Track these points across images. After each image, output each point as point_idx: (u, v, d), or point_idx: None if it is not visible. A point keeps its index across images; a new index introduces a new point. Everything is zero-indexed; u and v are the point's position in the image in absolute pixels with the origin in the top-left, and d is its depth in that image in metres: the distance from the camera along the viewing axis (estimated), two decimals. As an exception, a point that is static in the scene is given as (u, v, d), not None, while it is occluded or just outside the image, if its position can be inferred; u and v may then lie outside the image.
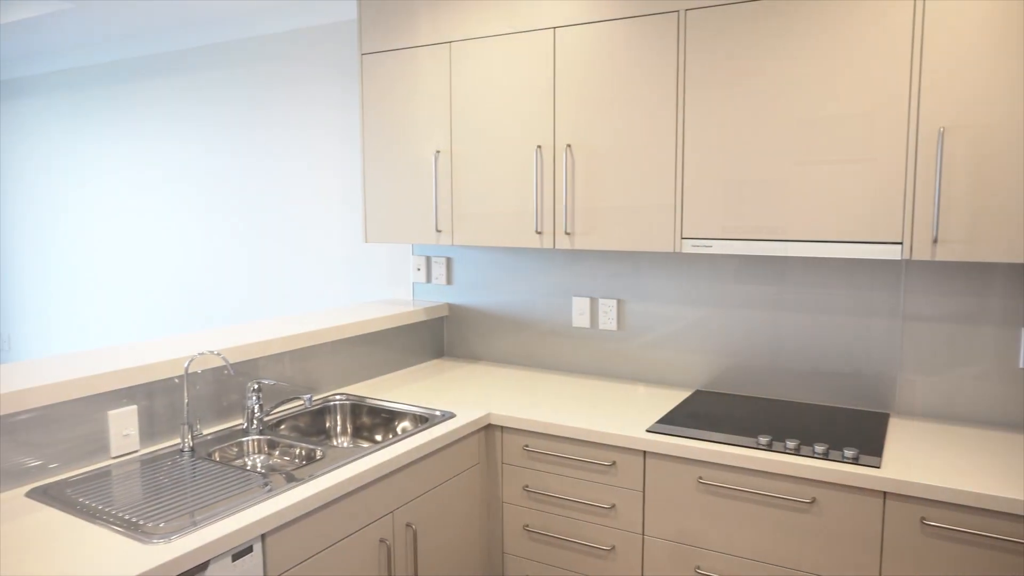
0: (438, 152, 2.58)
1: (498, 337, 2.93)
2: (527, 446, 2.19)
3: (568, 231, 2.35)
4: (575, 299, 2.72)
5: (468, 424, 2.14)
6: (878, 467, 1.75)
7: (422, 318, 2.86)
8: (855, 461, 1.78)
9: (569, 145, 2.32)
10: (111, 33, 3.80)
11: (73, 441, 1.75)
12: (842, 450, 1.85)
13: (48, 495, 1.60)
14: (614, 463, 2.06)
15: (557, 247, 2.38)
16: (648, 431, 2.03)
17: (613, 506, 2.07)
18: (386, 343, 2.72)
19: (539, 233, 2.40)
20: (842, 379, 2.30)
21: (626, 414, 2.21)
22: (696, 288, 2.51)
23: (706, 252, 2.13)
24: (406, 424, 2.29)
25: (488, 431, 2.26)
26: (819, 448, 1.84)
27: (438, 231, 2.60)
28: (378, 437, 2.35)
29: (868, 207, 1.91)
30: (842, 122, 1.92)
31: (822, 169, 1.96)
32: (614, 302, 2.65)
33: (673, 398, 2.40)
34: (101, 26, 3.65)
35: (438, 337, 3.02)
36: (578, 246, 2.34)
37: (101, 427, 1.81)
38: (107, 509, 1.53)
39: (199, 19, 3.50)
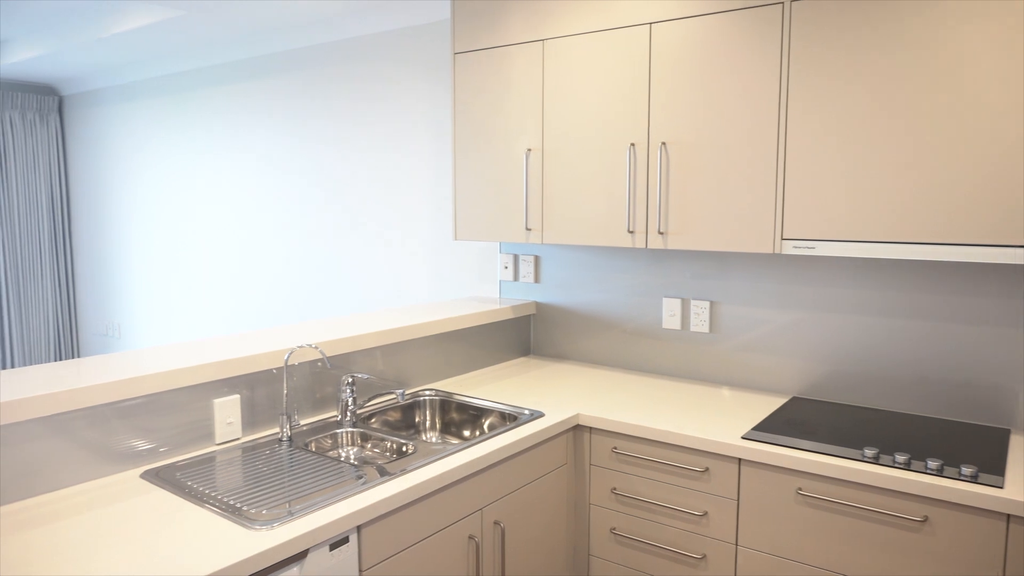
0: (529, 150, 2.57)
1: (585, 336, 2.90)
2: (616, 448, 2.16)
3: (661, 230, 2.30)
4: (665, 300, 2.66)
5: (557, 424, 2.13)
6: (1001, 487, 1.63)
7: (509, 316, 2.86)
8: (974, 479, 1.67)
9: (664, 143, 2.27)
10: (213, 38, 3.97)
11: (181, 427, 1.83)
12: (959, 467, 1.74)
13: (160, 477, 1.68)
14: (707, 469, 2.00)
15: (649, 247, 2.33)
16: (744, 438, 1.96)
17: (705, 513, 2.01)
18: (474, 340, 2.74)
19: (631, 232, 2.36)
20: (954, 391, 2.16)
21: (719, 419, 2.14)
22: (792, 290, 2.41)
23: (809, 254, 2.04)
24: (494, 421, 2.29)
25: (577, 432, 2.24)
26: (932, 464, 1.73)
27: (528, 229, 2.60)
28: (466, 433, 2.36)
29: (989, 208, 1.78)
30: (963, 118, 1.80)
31: (937, 167, 1.84)
32: (707, 303, 2.57)
33: (768, 404, 2.31)
34: (204, 32, 3.82)
35: (525, 335, 3.02)
36: (671, 246, 2.28)
37: (207, 415, 1.88)
38: (212, 493, 1.59)
39: (295, 23, 3.62)
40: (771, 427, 2.05)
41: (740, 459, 1.94)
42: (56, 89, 5.61)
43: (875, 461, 1.79)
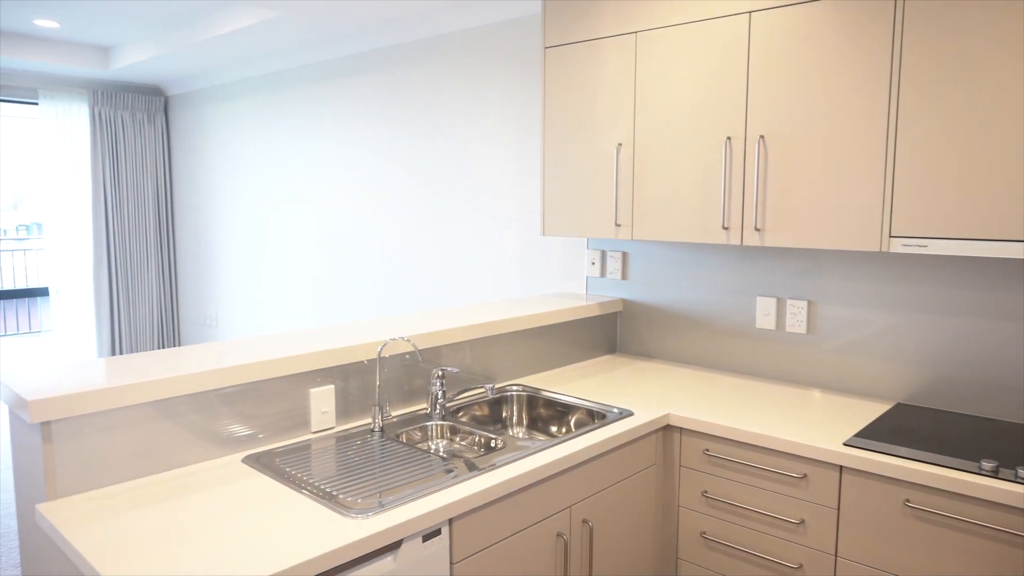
0: (620, 145, 2.53)
1: (674, 335, 2.84)
2: (708, 450, 2.10)
3: (758, 227, 2.22)
4: (760, 299, 2.57)
5: (647, 424, 2.09)
6: None
7: (596, 313, 2.83)
8: (1108, 499, 1.53)
9: (762, 136, 2.18)
10: (307, 39, 4.09)
11: (279, 415, 1.89)
12: (1090, 484, 1.60)
13: (260, 462, 1.74)
14: (805, 476, 1.92)
15: (745, 244, 2.25)
16: (847, 444, 1.87)
17: (802, 522, 1.93)
18: (560, 336, 2.72)
19: (726, 229, 2.29)
20: (1083, 401, 2.00)
21: (818, 424, 2.05)
22: (895, 290, 2.28)
23: (920, 252, 1.93)
24: (581, 418, 2.27)
25: (666, 432, 2.19)
26: (1059, 480, 1.60)
27: (617, 225, 2.56)
28: (553, 429, 2.35)
29: None
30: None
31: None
32: (804, 303, 2.47)
33: (870, 410, 2.20)
34: (298, 32, 3.94)
35: (611, 333, 2.98)
36: (769, 243, 2.20)
37: (303, 404, 1.94)
38: (309, 480, 1.63)
39: (385, 21, 3.68)
40: (875, 434, 1.95)
41: (842, 467, 1.86)
42: (162, 90, 5.91)
43: (994, 475, 1.67)
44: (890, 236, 1.98)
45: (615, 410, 2.19)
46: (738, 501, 2.04)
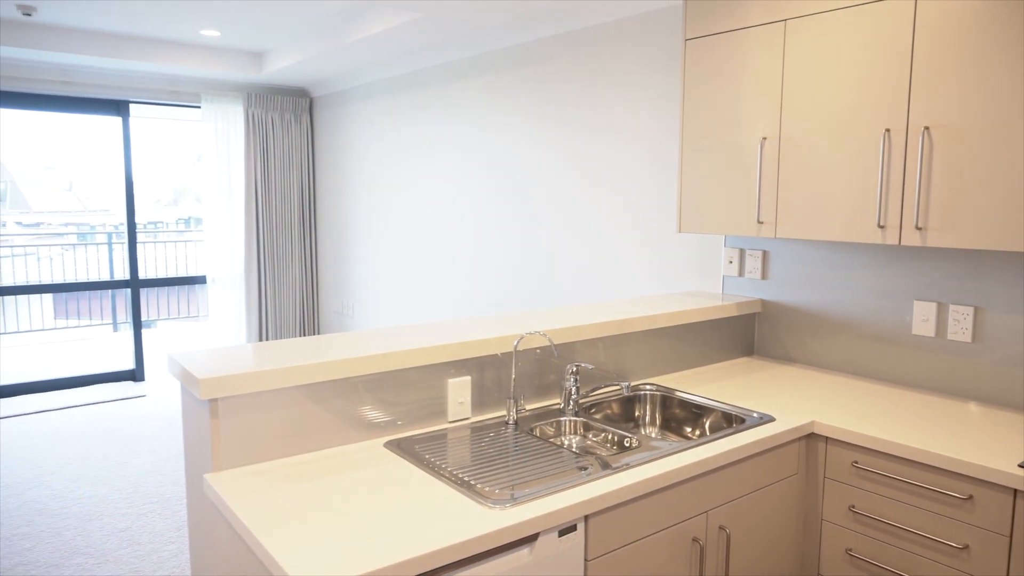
0: (764, 139, 2.42)
1: (817, 339, 2.68)
2: (856, 462, 1.97)
3: (919, 225, 2.05)
4: (917, 303, 2.39)
5: (789, 431, 1.99)
6: None
7: (733, 313, 2.73)
8: None
9: (927, 127, 2.02)
10: (444, 38, 4.19)
11: (418, 403, 1.95)
12: None
13: (400, 448, 1.80)
14: (971, 497, 1.76)
15: (904, 243, 2.09)
16: (1022, 466, 1.70)
17: (966, 547, 1.77)
18: (695, 337, 2.65)
19: (881, 227, 2.14)
20: None
21: (986, 441, 1.87)
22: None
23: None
24: (716, 422, 2.20)
25: (810, 440, 2.08)
26: None
27: (759, 223, 2.45)
28: (687, 431, 2.29)
29: None
30: None
31: None
32: (970, 309, 2.27)
33: (1049, 430, 1.98)
34: (437, 32, 4.04)
35: (749, 334, 2.86)
36: (931, 243, 2.03)
37: (441, 393, 1.99)
38: (447, 467, 1.67)
39: (522, 18, 3.71)
40: (1056, 456, 1.76)
41: (1016, 490, 1.69)
42: (308, 91, 6.27)
43: None
44: (1080, 237, 1.78)
45: (755, 415, 2.10)
46: (890, 519, 1.90)
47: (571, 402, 2.12)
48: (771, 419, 2.05)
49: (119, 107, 5.67)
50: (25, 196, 10.05)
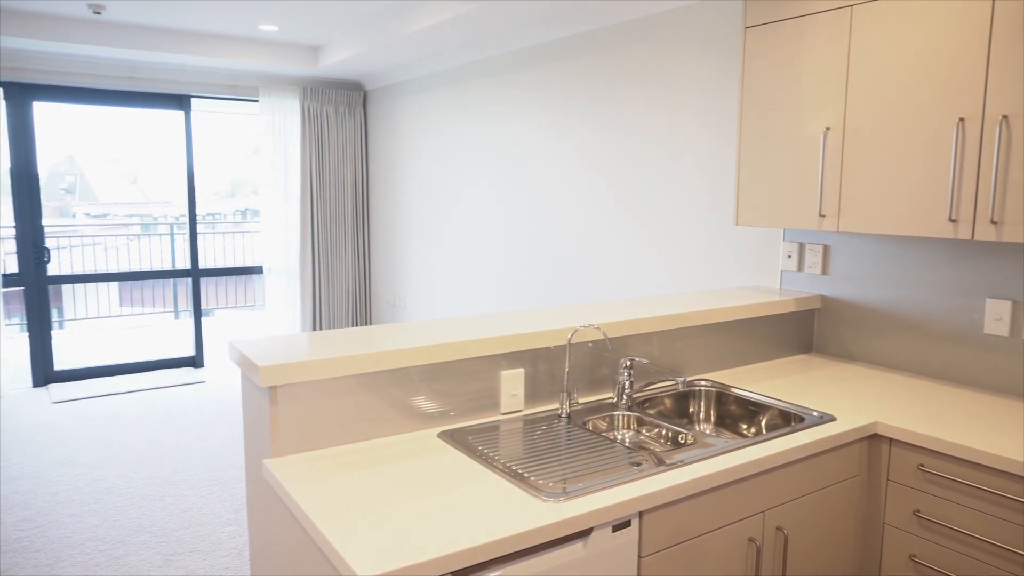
0: (827, 129, 2.35)
1: (880, 337, 2.60)
2: (923, 465, 1.90)
3: (995, 219, 1.96)
4: (990, 301, 2.29)
5: (851, 431, 1.93)
6: None
7: (791, 309, 2.66)
8: None
9: (1005, 116, 1.92)
10: (498, 30, 4.18)
11: (471, 395, 1.96)
12: None
13: (454, 439, 1.81)
14: (1047, 505, 1.68)
15: (977, 238, 2.00)
16: (1104, 474, 1.61)
17: (1040, 557, 1.69)
18: (751, 332, 2.59)
19: (953, 221, 2.05)
20: None
21: (1064, 447, 1.78)
22: None
23: None
24: (774, 420, 2.14)
25: (873, 441, 2.01)
26: None
27: (821, 216, 2.38)
28: (742, 428, 2.24)
29: None
30: None
31: None
32: (1047, 308, 2.16)
33: None
34: (490, 24, 4.04)
35: (807, 331, 2.79)
36: (1008, 238, 1.94)
37: (494, 385, 1.99)
38: (500, 459, 1.67)
39: (578, 8, 3.67)
40: None
41: (1097, 498, 1.60)
42: (362, 84, 6.34)
43: None
44: None
45: (814, 413, 2.04)
46: (958, 526, 1.83)
47: (624, 396, 2.10)
48: (832, 418, 1.99)
49: (181, 101, 5.83)
50: (93, 188, 10.45)
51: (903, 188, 2.16)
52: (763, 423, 2.18)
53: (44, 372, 5.62)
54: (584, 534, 1.45)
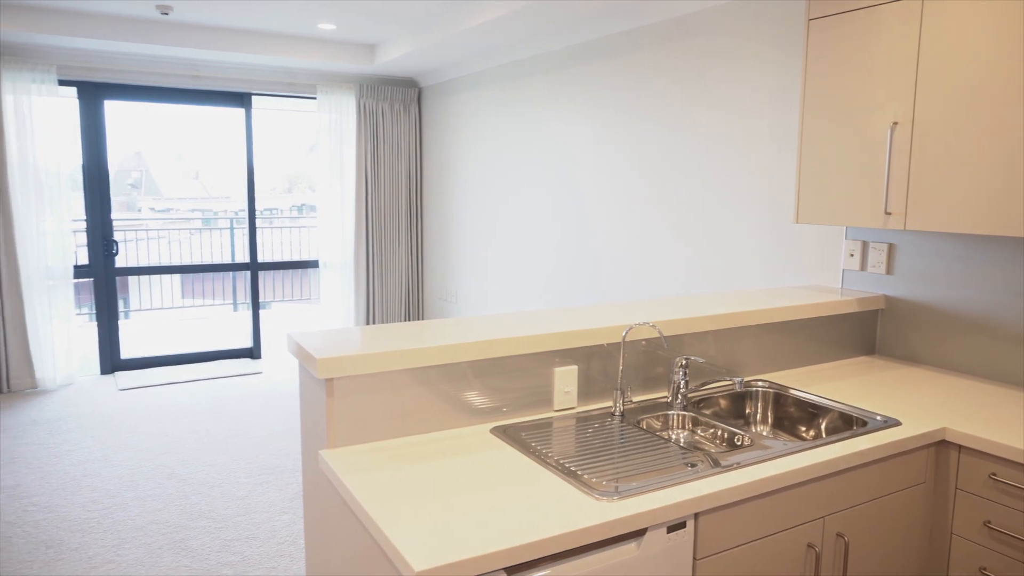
0: (895, 124, 2.26)
1: (949, 339, 2.50)
2: (995, 475, 1.82)
3: (1076, 218, 1.86)
4: (1069, 304, 2.18)
5: (917, 436, 1.86)
6: None
7: (853, 309, 2.58)
8: None
9: (1089, 109, 1.83)
10: (553, 25, 4.16)
11: (524, 391, 1.95)
12: None
13: (507, 434, 1.81)
14: None
15: (1056, 237, 1.91)
16: None
17: (1123, 574, 1.60)
18: (810, 333, 2.52)
19: (1030, 219, 1.95)
20: None
21: None
22: None
23: None
24: (834, 423, 2.08)
25: (940, 448, 1.94)
26: None
27: (887, 213, 2.30)
28: (801, 430, 2.18)
29: None
30: None
31: None
32: None
33: None
34: (545, 20, 4.02)
35: (870, 332, 2.70)
36: (1090, 237, 1.84)
37: (547, 382, 1.98)
38: (553, 456, 1.66)
39: (629, 2, 3.63)
40: None
41: None
42: (416, 81, 6.40)
43: None
44: None
45: (878, 417, 1.97)
46: (1032, 538, 1.75)
47: (679, 396, 2.07)
48: (896, 423, 1.92)
49: (242, 99, 5.98)
50: (158, 183, 10.81)
51: (976, 185, 2.07)
52: (823, 426, 2.12)
53: (112, 360, 5.84)
54: (638, 534, 1.43)
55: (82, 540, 3.10)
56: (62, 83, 5.34)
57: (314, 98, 6.15)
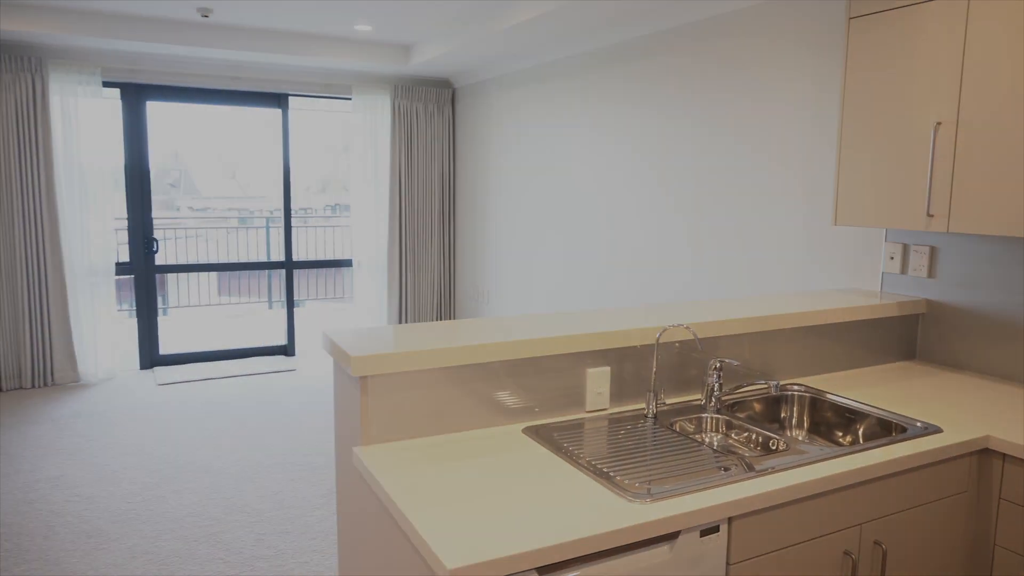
0: (938, 124, 2.21)
1: (993, 345, 2.43)
2: (1040, 485, 1.77)
3: None
4: (1120, 310, 2.11)
5: (959, 444, 1.81)
6: None
7: (893, 313, 2.53)
8: None
9: None
10: (588, 25, 4.15)
11: (557, 391, 1.95)
12: None
13: (539, 435, 1.81)
14: None
15: (1108, 241, 1.85)
16: None
17: None
18: (848, 337, 2.48)
19: (1080, 222, 1.90)
20: None
21: None
22: None
23: None
24: (872, 429, 2.04)
25: (983, 456, 1.89)
26: None
27: (929, 216, 2.25)
28: (838, 435, 2.15)
29: None
30: None
31: None
32: None
33: None
34: (580, 20, 4.01)
35: (910, 337, 2.64)
36: None
37: (579, 382, 1.98)
38: (585, 456, 1.66)
39: (662, 3, 3.60)
40: None
41: None
42: (451, 82, 6.43)
43: None
44: None
45: (918, 424, 1.93)
46: (1080, 550, 1.70)
47: (713, 399, 2.05)
48: (937, 430, 1.88)
49: (279, 100, 6.07)
50: (196, 183, 11.02)
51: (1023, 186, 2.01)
52: (860, 432, 2.08)
53: (151, 356, 5.97)
54: (671, 537, 1.42)
55: (122, 531, 3.17)
56: (106, 84, 5.47)
57: (349, 99, 6.22)
